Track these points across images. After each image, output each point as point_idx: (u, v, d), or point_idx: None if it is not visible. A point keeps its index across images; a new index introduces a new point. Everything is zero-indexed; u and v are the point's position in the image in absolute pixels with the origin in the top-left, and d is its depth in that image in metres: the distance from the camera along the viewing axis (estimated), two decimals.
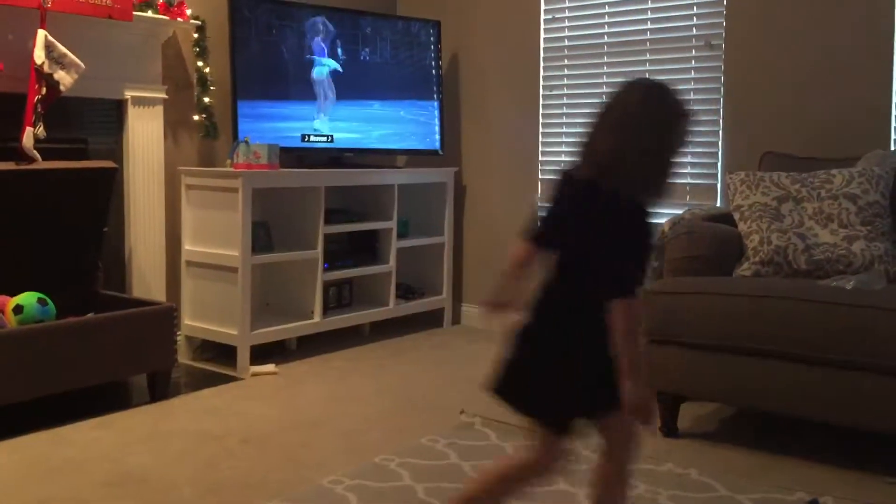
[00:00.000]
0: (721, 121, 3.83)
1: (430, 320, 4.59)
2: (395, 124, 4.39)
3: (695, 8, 3.90)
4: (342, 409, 3.16)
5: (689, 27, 3.92)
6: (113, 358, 3.08)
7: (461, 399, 3.25)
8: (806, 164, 3.24)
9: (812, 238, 2.92)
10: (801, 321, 2.54)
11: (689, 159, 3.93)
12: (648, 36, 4.03)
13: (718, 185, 3.83)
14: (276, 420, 3.02)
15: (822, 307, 2.52)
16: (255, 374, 3.58)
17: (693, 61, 3.91)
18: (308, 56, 4.02)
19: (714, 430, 2.96)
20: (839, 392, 2.51)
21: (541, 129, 4.40)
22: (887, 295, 2.55)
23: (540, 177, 4.42)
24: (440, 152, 4.56)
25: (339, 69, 4.10)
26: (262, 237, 3.82)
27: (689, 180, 3.94)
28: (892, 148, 3.39)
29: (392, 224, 4.26)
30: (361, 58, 4.26)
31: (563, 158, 4.33)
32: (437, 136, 4.55)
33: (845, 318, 2.48)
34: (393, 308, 4.32)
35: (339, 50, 4.16)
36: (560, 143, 4.35)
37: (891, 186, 2.99)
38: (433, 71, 4.54)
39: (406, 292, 4.47)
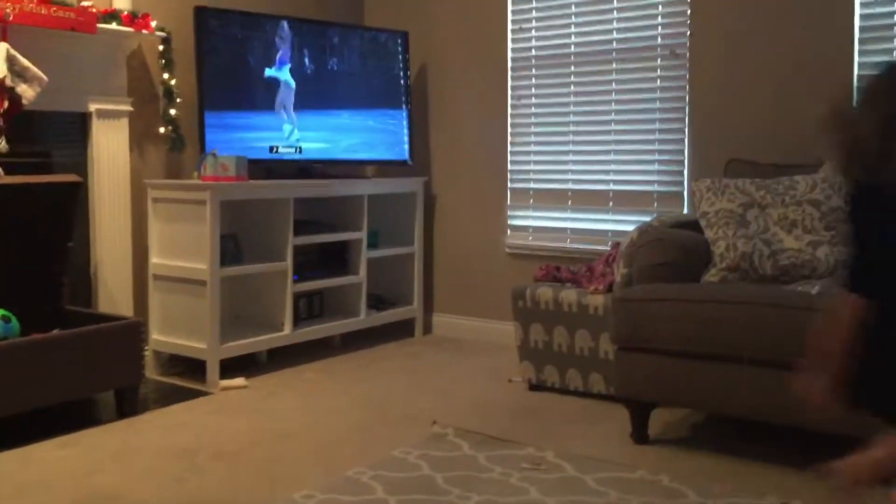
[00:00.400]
0: (686, 128, 3.87)
1: (402, 330, 4.58)
2: (364, 134, 4.39)
3: (659, 17, 3.94)
4: (313, 422, 3.14)
5: (654, 36, 3.96)
6: (79, 375, 3.03)
7: (433, 410, 3.24)
8: (770, 171, 3.29)
9: (777, 244, 2.96)
10: (768, 326, 2.57)
11: (655, 167, 3.97)
12: (614, 45, 4.07)
13: (685, 192, 3.87)
14: (246, 434, 3.00)
15: (789, 312, 2.55)
16: (224, 388, 3.55)
17: (658, 70, 3.95)
18: (272, 67, 4.00)
19: (684, 437, 2.98)
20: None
21: (509, 139, 4.42)
22: None
23: (509, 185, 4.44)
24: (409, 162, 4.56)
25: (296, 80, 4.07)
26: (231, 249, 3.79)
27: (655, 188, 3.98)
28: None
29: (362, 235, 4.25)
30: (329, 68, 4.26)
31: (532, 167, 4.36)
32: (406, 146, 4.55)
33: (811, 322, 2.50)
34: (364, 319, 4.30)
35: (307, 60, 4.14)
36: (529, 153, 4.37)
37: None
38: (401, 81, 4.55)
39: (377, 303, 4.46)
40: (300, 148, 4.10)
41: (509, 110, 4.42)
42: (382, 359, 4.13)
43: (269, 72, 3.98)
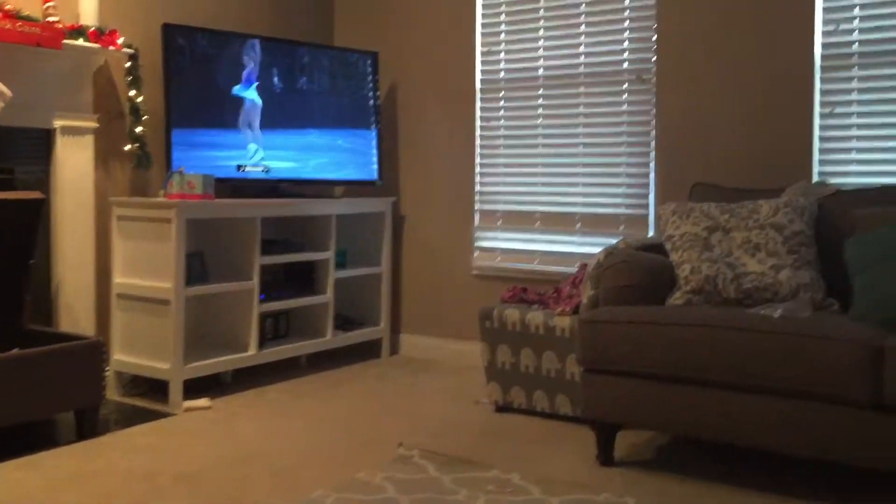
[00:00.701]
0: (652, 152, 3.92)
1: (369, 351, 4.56)
2: (333, 153, 4.38)
3: (626, 43, 4.00)
4: (278, 444, 3.10)
5: (621, 61, 4.01)
6: (38, 395, 2.97)
7: (399, 431, 3.23)
8: (734, 195, 3.33)
9: (741, 267, 3.00)
10: (731, 349, 2.59)
11: (621, 190, 4.01)
12: (582, 69, 4.11)
13: (650, 216, 3.91)
14: (209, 456, 2.95)
15: (751, 335, 2.58)
16: (187, 409, 3.50)
17: (625, 94, 4.01)
18: (240, 85, 3.99)
19: (650, 459, 2.99)
20: (769, 418, 2.56)
21: (478, 160, 4.45)
22: (813, 322, 2.62)
23: (478, 207, 4.45)
24: (378, 182, 4.56)
25: (264, 99, 4.07)
26: (197, 268, 3.76)
27: (622, 210, 4.01)
28: (815, 179, 3.51)
29: (329, 254, 4.23)
30: (298, 87, 4.25)
31: (501, 189, 4.38)
32: (375, 166, 4.55)
33: (773, 345, 2.54)
34: (330, 339, 4.27)
35: (276, 79, 4.14)
36: (497, 174, 4.40)
37: (815, 216, 3.09)
38: (371, 101, 4.56)
39: (344, 323, 4.44)
40: (268, 167, 4.09)
41: (478, 132, 4.44)
42: (349, 380, 4.10)
43: (235, 90, 3.97)
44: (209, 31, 3.92)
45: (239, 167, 3.98)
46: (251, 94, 4.03)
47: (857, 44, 3.46)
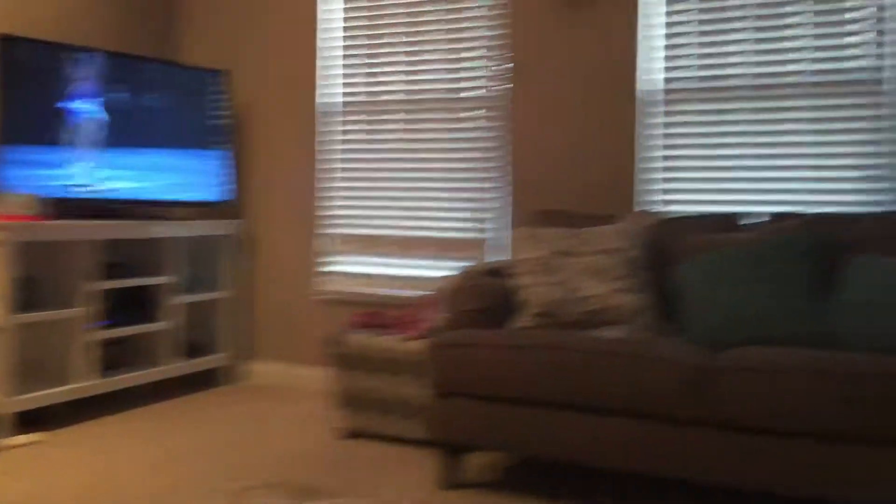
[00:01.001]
0: (502, 178, 4.01)
1: (216, 379, 4.41)
2: (178, 174, 4.23)
3: (483, 70, 4.08)
4: (112, 480, 2.93)
5: (475, 88, 4.09)
6: None
7: (245, 462, 3.13)
8: (578, 221, 3.46)
9: (584, 290, 3.10)
10: (573, 371, 2.67)
11: (472, 215, 4.08)
12: (435, 95, 4.17)
13: (498, 240, 3.99)
14: (33, 498, 2.75)
15: (591, 357, 2.66)
16: (13, 446, 3.26)
17: (477, 121, 4.09)
18: (79, 101, 3.80)
19: (498, 480, 3.03)
20: (612, 438, 2.65)
21: (326, 183, 4.41)
22: (647, 344, 2.73)
23: (327, 231, 4.40)
24: (226, 204, 4.44)
25: (105, 116, 3.90)
26: (27, 294, 3.52)
27: (473, 235, 4.08)
28: (651, 206, 3.69)
29: (173, 278, 4.07)
30: (142, 105, 4.09)
31: (351, 213, 4.36)
32: (223, 187, 4.43)
33: (611, 366, 2.63)
34: (174, 367, 4.10)
35: (117, 95, 3.96)
36: (347, 198, 4.37)
37: (650, 242, 3.24)
38: (219, 121, 4.44)
39: (190, 350, 4.27)
40: (108, 187, 3.89)
41: (327, 155, 4.41)
42: (194, 409, 3.94)
43: (73, 106, 3.77)
44: (46, 43, 3.71)
45: (75, 187, 3.77)
46: (90, 111, 3.84)
47: (695, 79, 3.68)
